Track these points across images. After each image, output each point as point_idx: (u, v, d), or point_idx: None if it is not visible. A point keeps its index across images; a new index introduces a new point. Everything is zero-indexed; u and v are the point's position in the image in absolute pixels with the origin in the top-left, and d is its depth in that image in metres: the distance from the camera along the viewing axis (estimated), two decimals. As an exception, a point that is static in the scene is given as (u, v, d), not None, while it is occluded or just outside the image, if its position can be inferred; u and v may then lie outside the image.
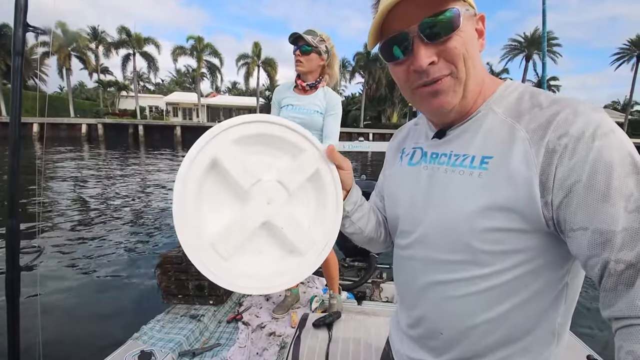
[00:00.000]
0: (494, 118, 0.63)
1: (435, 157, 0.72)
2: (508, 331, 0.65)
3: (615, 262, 0.49)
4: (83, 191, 9.91)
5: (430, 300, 0.71)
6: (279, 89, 2.39)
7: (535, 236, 0.58)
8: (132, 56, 39.30)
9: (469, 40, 0.62)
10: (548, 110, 0.57)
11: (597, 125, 0.52)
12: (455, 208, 0.65)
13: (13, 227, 1.63)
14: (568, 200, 0.53)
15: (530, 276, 0.61)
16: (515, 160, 0.57)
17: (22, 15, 1.54)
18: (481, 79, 0.66)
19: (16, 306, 1.65)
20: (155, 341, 2.07)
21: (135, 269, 4.64)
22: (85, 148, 23.38)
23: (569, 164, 0.52)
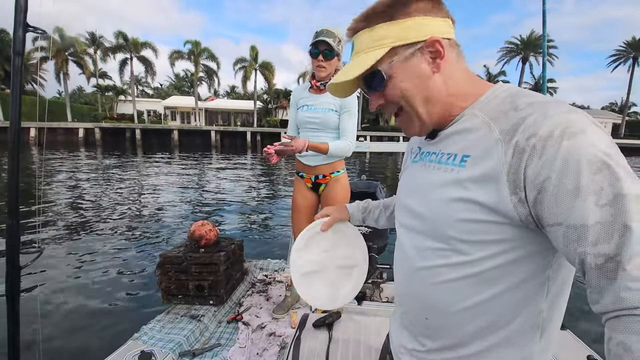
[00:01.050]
0: (476, 120, 0.68)
1: (427, 155, 0.79)
2: (489, 320, 0.67)
3: (594, 256, 0.50)
4: (82, 193, 9.89)
5: (416, 286, 0.77)
6: (296, 90, 2.39)
7: (512, 228, 0.61)
8: (130, 60, 39.29)
9: (407, 80, 0.70)
10: (522, 113, 0.60)
11: (566, 125, 0.54)
12: (434, 200, 0.71)
13: (13, 227, 1.63)
14: (541, 198, 0.55)
15: (510, 266, 0.63)
16: (488, 159, 0.62)
17: (22, 16, 1.54)
18: (446, 92, 0.72)
19: (16, 306, 1.65)
20: (156, 341, 2.06)
21: (136, 269, 4.63)
22: (82, 152, 23.31)
23: (539, 162, 0.55)
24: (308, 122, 2.25)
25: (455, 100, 0.72)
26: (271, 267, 3.36)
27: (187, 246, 2.63)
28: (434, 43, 0.70)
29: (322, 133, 2.23)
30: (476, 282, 0.66)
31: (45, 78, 39.18)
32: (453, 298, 0.69)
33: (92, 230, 6.37)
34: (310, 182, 2.36)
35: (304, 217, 2.43)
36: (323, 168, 2.30)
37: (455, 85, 0.72)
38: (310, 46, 2.09)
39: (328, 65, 2.12)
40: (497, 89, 0.71)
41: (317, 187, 2.36)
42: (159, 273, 2.49)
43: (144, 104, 48.52)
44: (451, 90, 0.72)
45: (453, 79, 0.72)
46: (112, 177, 13.11)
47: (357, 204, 1.25)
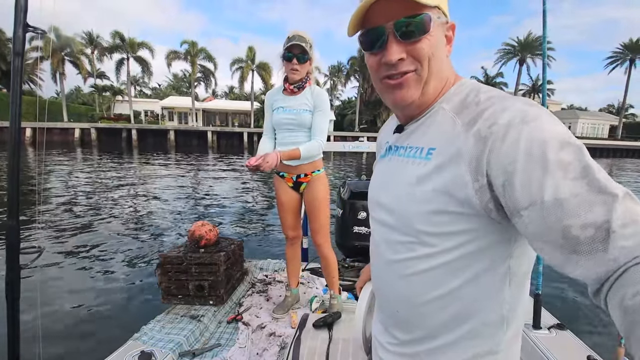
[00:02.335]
0: (442, 114, 0.69)
1: (396, 149, 0.80)
2: (455, 311, 0.69)
3: (581, 228, 0.49)
4: (80, 193, 9.85)
5: (387, 280, 0.78)
6: (269, 93, 2.45)
7: (473, 219, 0.63)
8: (126, 61, 39.15)
9: (437, 44, 0.68)
10: (482, 105, 0.63)
11: (525, 114, 0.56)
12: (400, 193, 0.72)
13: (13, 228, 1.63)
14: (510, 181, 0.55)
15: (473, 256, 0.65)
16: (451, 150, 0.63)
17: (22, 16, 1.54)
18: (444, 80, 0.73)
19: (16, 306, 1.65)
20: (156, 341, 2.06)
21: (136, 269, 4.63)
22: (78, 152, 23.21)
23: (502, 147, 0.56)
24: (284, 123, 2.30)
25: (441, 91, 0.73)
26: (271, 267, 3.36)
27: (187, 246, 2.63)
28: (453, 27, 0.73)
29: (298, 132, 2.30)
30: (442, 273, 0.68)
31: (43, 78, 38.96)
32: (421, 290, 0.71)
33: (92, 231, 6.36)
34: (292, 182, 2.41)
35: (290, 214, 2.50)
36: (304, 167, 2.36)
37: (446, 76, 0.73)
38: (284, 50, 2.16)
39: (301, 69, 2.20)
40: (462, 83, 0.73)
41: (299, 186, 2.41)
42: (159, 273, 2.48)
43: (141, 104, 48.42)
44: (444, 78, 0.73)
45: (447, 69, 0.74)
46: (109, 177, 13.07)
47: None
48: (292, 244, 2.60)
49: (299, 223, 2.59)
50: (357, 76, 44.48)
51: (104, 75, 44.45)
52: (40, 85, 36.88)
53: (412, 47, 0.67)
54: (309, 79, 2.29)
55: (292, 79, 2.24)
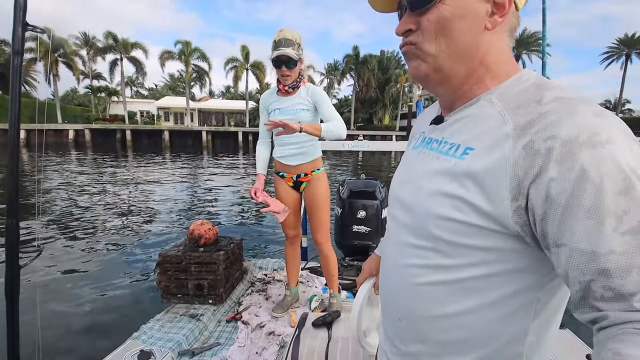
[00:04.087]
0: (490, 108, 0.59)
1: (429, 142, 0.70)
2: (463, 335, 0.61)
3: (603, 289, 0.44)
4: (78, 193, 9.78)
5: (395, 284, 0.71)
6: (264, 96, 2.44)
7: (502, 238, 0.54)
8: (120, 61, 38.90)
9: (453, 14, 0.58)
10: (544, 107, 0.51)
11: (594, 131, 0.46)
12: (422, 191, 0.64)
13: (13, 227, 1.62)
14: (550, 213, 0.48)
15: (493, 279, 0.57)
16: (493, 156, 0.54)
17: (21, 14, 1.54)
18: (476, 55, 0.61)
19: (16, 306, 1.64)
20: (155, 340, 2.06)
21: (135, 268, 4.61)
22: (73, 154, 23.04)
23: (554, 170, 0.47)
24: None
25: (481, 77, 0.62)
26: (270, 266, 3.36)
27: (186, 245, 2.63)
28: None
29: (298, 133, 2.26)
30: (454, 290, 0.60)
31: (38, 80, 38.62)
32: (428, 303, 0.63)
33: (91, 230, 6.32)
34: (292, 181, 2.41)
35: (290, 214, 2.48)
36: (305, 167, 2.36)
37: (494, 59, 0.61)
38: (273, 58, 2.15)
39: (292, 73, 2.20)
40: (522, 75, 0.60)
41: (299, 185, 2.42)
42: (158, 272, 2.48)
43: (137, 105, 48.10)
44: (486, 61, 0.61)
45: (496, 50, 0.61)
46: (106, 178, 12.99)
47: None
48: (291, 243, 2.60)
49: (298, 222, 2.59)
50: (352, 74, 44.52)
51: (100, 76, 44.11)
52: (35, 86, 36.61)
53: (419, 18, 0.61)
54: (303, 77, 2.29)
55: (285, 83, 2.24)
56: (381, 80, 44.25)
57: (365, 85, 44.11)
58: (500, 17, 0.59)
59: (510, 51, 0.63)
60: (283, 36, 2.13)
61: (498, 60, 0.61)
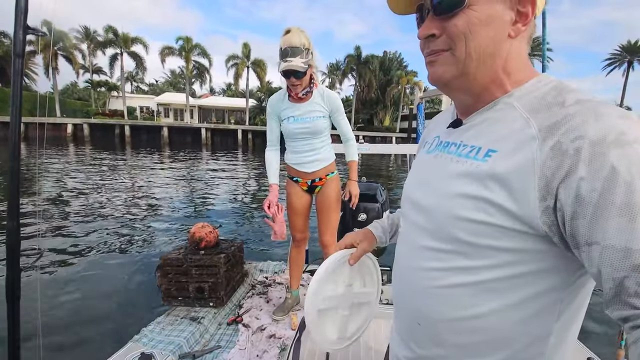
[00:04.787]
0: (511, 112, 0.60)
1: (446, 145, 0.71)
2: (486, 336, 0.61)
3: (637, 285, 0.45)
4: (79, 194, 9.72)
5: (411, 287, 0.71)
6: (272, 101, 2.32)
7: (529, 238, 0.54)
8: (120, 56, 38.80)
9: (479, 21, 0.58)
10: (568, 110, 0.52)
11: (621, 131, 0.47)
12: (443, 193, 0.64)
13: (13, 228, 1.61)
14: (580, 211, 0.48)
15: (518, 280, 0.57)
16: (518, 157, 0.54)
17: (22, 17, 1.53)
18: (499, 63, 0.61)
19: (16, 307, 1.64)
20: (156, 343, 2.05)
21: (135, 271, 4.60)
22: (71, 148, 22.98)
23: (584, 170, 0.47)
24: (298, 132, 2.25)
25: (503, 83, 0.63)
26: (271, 269, 3.35)
27: (187, 248, 2.63)
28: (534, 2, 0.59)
29: (313, 140, 2.28)
30: (476, 292, 0.60)
31: (37, 73, 38.50)
32: (448, 306, 0.63)
33: (91, 232, 6.29)
34: (306, 186, 2.40)
35: (301, 217, 2.48)
36: (320, 172, 2.35)
37: (515, 65, 0.62)
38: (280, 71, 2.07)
39: (302, 82, 2.12)
40: (541, 79, 0.62)
41: (313, 189, 2.41)
42: (159, 275, 2.47)
43: (136, 101, 48.07)
44: (508, 67, 0.62)
45: (515, 57, 0.62)
46: (107, 177, 12.92)
47: (380, 224, 1.08)
48: (298, 245, 2.58)
49: (307, 225, 2.58)
50: (353, 74, 44.50)
51: (100, 71, 43.97)
52: (35, 79, 36.50)
53: (445, 23, 0.60)
54: (315, 81, 2.23)
55: (296, 92, 2.17)
56: (382, 81, 44.26)
57: (366, 86, 44.09)
58: (523, 26, 0.60)
59: (527, 57, 0.64)
60: (289, 44, 2.00)
61: (518, 66, 0.62)
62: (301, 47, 2.02)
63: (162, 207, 8.49)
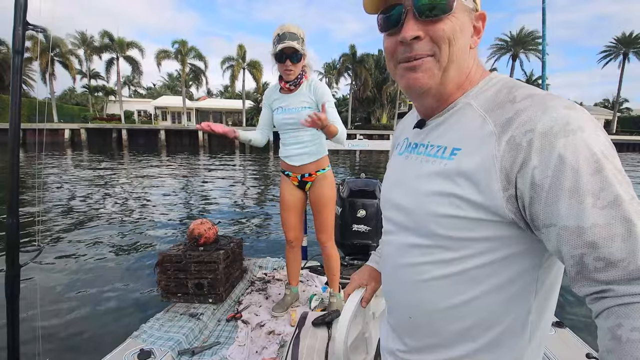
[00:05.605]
0: (469, 111, 0.64)
1: (415, 147, 0.75)
2: (474, 320, 0.65)
3: (594, 260, 0.49)
4: (78, 193, 9.73)
5: (400, 283, 0.74)
6: (267, 91, 2.39)
7: (500, 226, 0.59)
8: (116, 60, 38.71)
9: (460, 29, 0.63)
10: (519, 105, 0.57)
11: (566, 122, 0.52)
12: (419, 193, 0.68)
13: (13, 226, 1.62)
14: (536, 197, 0.53)
15: (497, 265, 0.61)
16: (480, 153, 0.58)
17: (21, 13, 1.54)
18: (465, 71, 0.67)
19: (16, 305, 1.64)
20: (155, 340, 2.06)
21: (135, 267, 4.61)
22: (68, 154, 22.91)
23: (536, 159, 0.52)
24: (285, 123, 2.27)
25: (464, 86, 0.68)
26: (270, 266, 3.36)
27: (186, 244, 2.63)
28: (483, 17, 0.67)
29: (301, 132, 2.25)
30: (461, 280, 0.64)
31: (34, 79, 38.37)
32: (437, 296, 0.67)
33: (90, 229, 6.30)
34: (297, 181, 2.38)
35: (293, 215, 2.46)
36: (309, 167, 2.32)
37: (474, 70, 0.68)
38: (276, 51, 2.08)
39: (295, 68, 2.14)
40: (491, 78, 0.68)
41: (304, 184, 2.39)
42: (158, 271, 2.48)
43: (134, 104, 47.87)
44: (470, 74, 0.68)
45: (472, 64, 0.68)
46: (104, 177, 12.92)
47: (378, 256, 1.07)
48: (292, 247, 2.55)
49: (300, 224, 2.55)
50: (349, 73, 44.43)
51: (98, 76, 43.83)
52: (32, 85, 36.39)
53: (431, 26, 0.62)
54: (305, 73, 2.24)
55: (288, 79, 2.19)
56: (378, 80, 44.11)
57: (362, 85, 43.98)
58: (478, 39, 0.67)
59: (479, 61, 0.71)
60: (287, 30, 2.06)
61: (477, 71, 0.69)
62: (298, 35, 2.07)
63: (161, 205, 8.49)
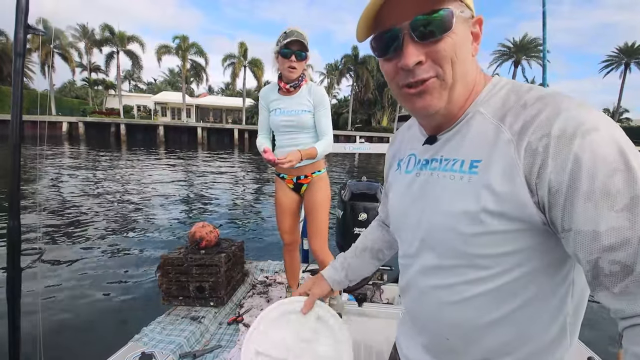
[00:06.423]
0: (481, 120, 0.62)
1: (427, 163, 0.71)
2: (516, 332, 0.63)
3: (610, 263, 0.48)
4: (78, 193, 9.70)
5: (431, 305, 0.71)
6: (264, 91, 2.34)
7: (532, 235, 0.57)
8: (116, 54, 38.60)
9: (461, 43, 0.60)
10: (532, 110, 0.56)
11: (580, 122, 0.51)
12: (443, 212, 0.65)
13: (14, 228, 1.61)
14: (554, 202, 0.52)
15: (533, 275, 0.60)
16: (502, 163, 0.57)
17: (22, 17, 1.54)
18: (471, 83, 0.65)
19: (17, 307, 1.64)
20: (156, 343, 2.04)
21: (136, 270, 4.60)
22: (66, 148, 22.83)
23: (552, 164, 0.51)
24: (283, 125, 2.23)
25: (470, 95, 0.66)
26: (272, 269, 3.35)
27: (187, 248, 2.61)
28: (480, 21, 0.64)
29: (299, 134, 2.23)
30: (498, 296, 0.62)
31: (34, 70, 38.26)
32: (474, 315, 0.65)
33: (92, 232, 6.29)
34: (292, 183, 2.36)
35: (288, 217, 2.44)
36: (305, 169, 2.29)
37: (473, 78, 0.66)
38: (283, 47, 2.05)
39: (299, 66, 2.10)
40: (495, 84, 0.66)
41: (299, 187, 2.37)
42: (160, 274, 2.46)
43: (134, 99, 47.89)
44: (471, 82, 0.65)
45: (477, 72, 0.66)
46: (103, 176, 12.88)
47: (331, 266, 1.07)
48: (289, 250, 2.53)
49: (296, 227, 2.53)
50: (351, 74, 44.41)
51: (99, 69, 43.69)
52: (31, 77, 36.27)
53: (431, 48, 0.59)
54: (305, 76, 2.21)
55: (289, 77, 2.14)
56: (380, 82, 44.08)
57: (364, 86, 43.97)
58: (477, 44, 0.65)
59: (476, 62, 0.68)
60: (295, 30, 2.05)
61: (479, 79, 0.67)
62: (304, 35, 2.06)
63: (162, 207, 8.48)
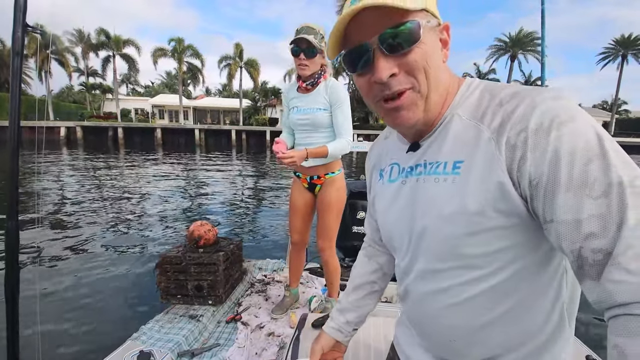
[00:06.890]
0: (459, 121, 0.64)
1: (411, 170, 0.72)
2: (519, 327, 0.64)
3: (592, 252, 0.48)
4: (77, 194, 9.68)
5: (432, 310, 0.71)
6: (285, 90, 2.33)
7: (522, 230, 0.58)
8: (112, 58, 38.55)
9: (431, 52, 0.61)
10: (508, 106, 0.57)
11: (555, 114, 0.52)
12: (435, 217, 0.65)
13: (13, 227, 1.62)
14: (535, 194, 0.53)
15: (527, 270, 0.61)
16: (484, 161, 0.58)
17: (21, 15, 1.54)
18: (445, 88, 0.66)
19: (16, 305, 1.64)
20: (154, 341, 2.05)
21: (134, 269, 4.60)
22: (65, 152, 22.77)
23: (531, 157, 0.52)
24: (299, 124, 2.22)
25: (445, 100, 0.67)
26: (270, 267, 3.36)
27: (186, 246, 2.62)
28: (448, 28, 0.65)
29: (315, 133, 2.20)
30: (496, 294, 0.63)
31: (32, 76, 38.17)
32: (476, 315, 0.66)
33: (90, 231, 6.27)
34: (306, 182, 2.34)
35: (299, 217, 2.43)
36: (318, 169, 2.26)
37: (447, 84, 0.67)
38: (291, 44, 2.04)
39: (310, 64, 2.06)
40: (468, 85, 0.67)
41: (313, 187, 2.34)
42: (158, 273, 2.47)
43: (131, 103, 47.79)
44: (445, 88, 0.66)
45: (450, 77, 0.68)
46: (101, 177, 12.86)
47: (334, 321, 1.01)
48: (296, 249, 2.52)
49: (306, 228, 2.50)
50: (347, 72, 44.33)
51: (96, 73, 43.63)
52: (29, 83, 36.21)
53: (403, 60, 0.60)
54: (324, 72, 2.16)
55: (303, 75, 2.12)
56: (377, 80, 44.18)
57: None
58: (447, 50, 0.65)
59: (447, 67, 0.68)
60: (306, 25, 2.02)
61: (452, 81, 0.68)
62: (317, 30, 2.01)
63: (160, 206, 8.46)
